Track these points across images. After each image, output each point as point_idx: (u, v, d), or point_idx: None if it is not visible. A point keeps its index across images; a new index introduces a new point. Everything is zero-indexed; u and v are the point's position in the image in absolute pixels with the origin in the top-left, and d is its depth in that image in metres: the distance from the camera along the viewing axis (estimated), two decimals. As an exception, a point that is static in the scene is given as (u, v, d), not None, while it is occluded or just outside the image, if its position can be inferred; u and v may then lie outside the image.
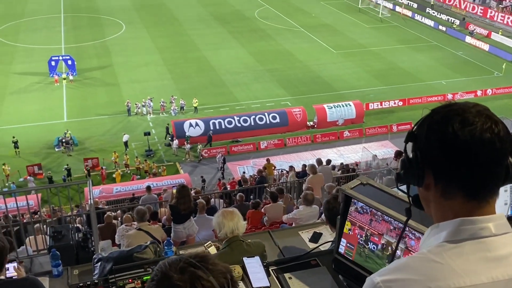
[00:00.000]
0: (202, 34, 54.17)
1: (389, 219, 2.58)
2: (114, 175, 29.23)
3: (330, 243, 4.20)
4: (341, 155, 31.23)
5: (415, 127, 1.66)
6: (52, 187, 19.56)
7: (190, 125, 33.18)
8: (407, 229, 2.46)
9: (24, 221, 12.60)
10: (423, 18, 61.51)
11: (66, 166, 29.21)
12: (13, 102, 37.58)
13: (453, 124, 1.54)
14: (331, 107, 36.05)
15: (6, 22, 56.51)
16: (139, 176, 29.36)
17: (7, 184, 28.15)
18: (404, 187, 1.75)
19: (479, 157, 1.52)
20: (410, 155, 1.67)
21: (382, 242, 2.57)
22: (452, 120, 1.55)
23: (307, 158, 30.39)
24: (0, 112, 36.08)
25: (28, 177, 28.39)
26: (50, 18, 58.95)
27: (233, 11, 63.82)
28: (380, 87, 42.04)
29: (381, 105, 38.18)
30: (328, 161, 20.99)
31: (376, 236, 2.59)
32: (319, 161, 17.37)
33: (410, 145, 1.71)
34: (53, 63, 41.48)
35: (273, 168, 26.32)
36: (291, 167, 23.97)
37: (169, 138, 33.12)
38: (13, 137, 31.08)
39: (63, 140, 31.59)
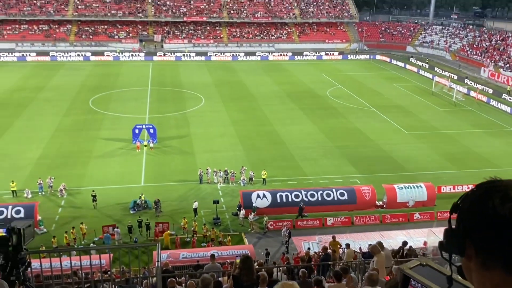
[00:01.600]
0: (275, 109, 55.75)
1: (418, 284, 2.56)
2: (163, 236, 29.78)
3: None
4: (411, 238, 29.77)
5: (460, 200, 1.72)
6: (123, 248, 20.15)
7: (258, 196, 33.36)
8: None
9: (95, 279, 12.98)
10: (499, 103, 59.72)
11: (139, 219, 30.98)
12: (97, 165, 39.96)
13: (493, 200, 1.59)
14: (402, 188, 34.98)
15: (99, 92, 61.49)
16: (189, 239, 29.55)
17: (83, 242, 29.34)
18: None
19: None
20: (454, 226, 1.72)
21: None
22: (493, 196, 1.60)
23: (375, 238, 29.22)
24: (84, 174, 38.40)
25: (116, 229, 29.83)
26: (139, 90, 63.48)
27: (306, 89, 65.55)
28: (453, 170, 40.48)
29: (454, 189, 36.53)
30: (405, 243, 20.37)
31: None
32: (380, 245, 16.74)
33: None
34: (136, 131, 44.07)
35: (338, 246, 25.52)
36: (348, 245, 23.26)
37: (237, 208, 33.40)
38: (93, 191, 33.65)
39: (155, 201, 33.07)
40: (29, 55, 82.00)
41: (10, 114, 51.98)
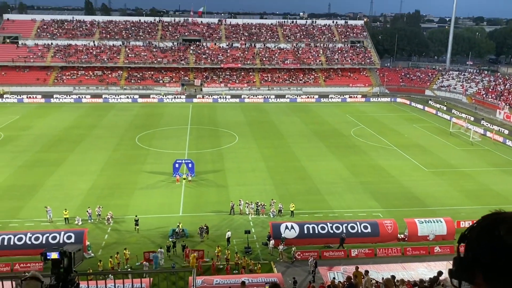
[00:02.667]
0: (302, 147, 55.61)
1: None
2: (190, 258, 29.61)
3: None
4: (431, 270, 28.62)
5: (468, 230, 1.70)
6: (160, 272, 20.05)
7: (286, 227, 32.92)
8: None
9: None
10: (516, 143, 57.91)
11: (174, 240, 31.91)
12: (140, 196, 40.44)
13: (500, 230, 1.57)
14: (422, 222, 33.91)
15: (145, 130, 62.93)
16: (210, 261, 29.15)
17: (126, 267, 29.39)
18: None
19: None
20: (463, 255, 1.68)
21: None
22: (500, 226, 1.58)
23: (397, 269, 28.33)
24: (129, 203, 38.87)
25: (159, 250, 30.16)
26: (179, 129, 64.66)
27: (331, 129, 65.36)
28: (471, 206, 39.09)
29: (472, 223, 35.11)
30: (440, 273, 19.72)
31: None
32: (393, 279, 16.20)
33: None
34: (176, 165, 44.62)
35: (362, 276, 24.74)
36: (367, 272, 22.49)
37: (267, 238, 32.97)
38: (136, 216, 34.33)
39: (201, 227, 33.20)
40: (85, 97, 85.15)
41: (66, 149, 53.62)
